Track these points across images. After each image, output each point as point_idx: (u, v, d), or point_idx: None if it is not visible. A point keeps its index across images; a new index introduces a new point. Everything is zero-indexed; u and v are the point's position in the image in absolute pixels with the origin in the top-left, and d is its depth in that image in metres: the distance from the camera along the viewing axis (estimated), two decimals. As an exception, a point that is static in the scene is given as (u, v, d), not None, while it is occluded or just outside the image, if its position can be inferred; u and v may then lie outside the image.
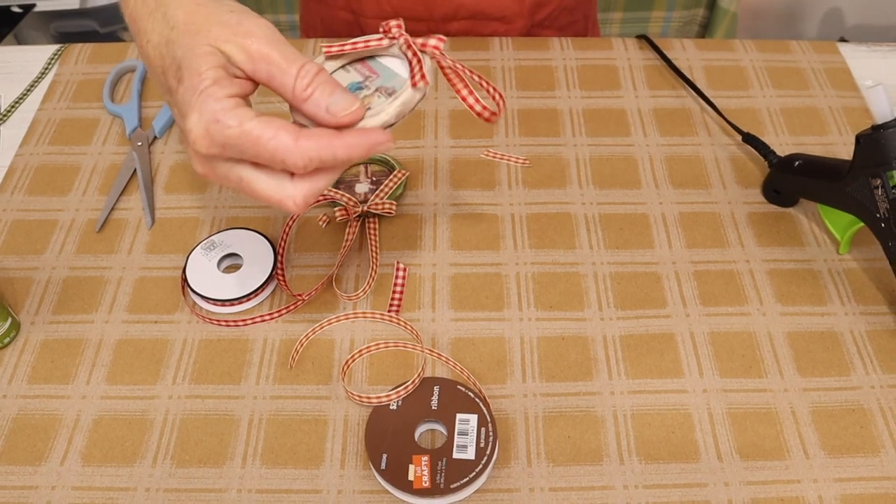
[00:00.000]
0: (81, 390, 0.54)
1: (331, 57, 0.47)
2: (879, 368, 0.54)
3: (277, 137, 0.40)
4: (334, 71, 0.47)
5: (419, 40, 0.46)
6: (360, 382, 0.54)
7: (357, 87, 0.46)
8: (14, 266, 0.60)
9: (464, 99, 0.49)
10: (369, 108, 0.44)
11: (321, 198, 0.62)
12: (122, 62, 0.74)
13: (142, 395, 0.53)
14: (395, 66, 0.46)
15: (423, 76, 0.44)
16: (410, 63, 0.45)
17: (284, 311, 0.57)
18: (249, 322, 0.57)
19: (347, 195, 0.61)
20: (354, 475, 0.50)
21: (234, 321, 0.56)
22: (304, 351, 0.55)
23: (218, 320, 0.57)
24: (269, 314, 0.57)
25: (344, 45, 0.46)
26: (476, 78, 0.49)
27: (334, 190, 0.62)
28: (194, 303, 0.58)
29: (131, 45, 0.77)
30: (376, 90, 0.45)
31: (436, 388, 0.52)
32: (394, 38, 0.46)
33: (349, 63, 0.48)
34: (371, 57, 0.47)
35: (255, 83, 0.44)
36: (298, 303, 0.57)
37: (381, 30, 0.46)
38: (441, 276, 0.59)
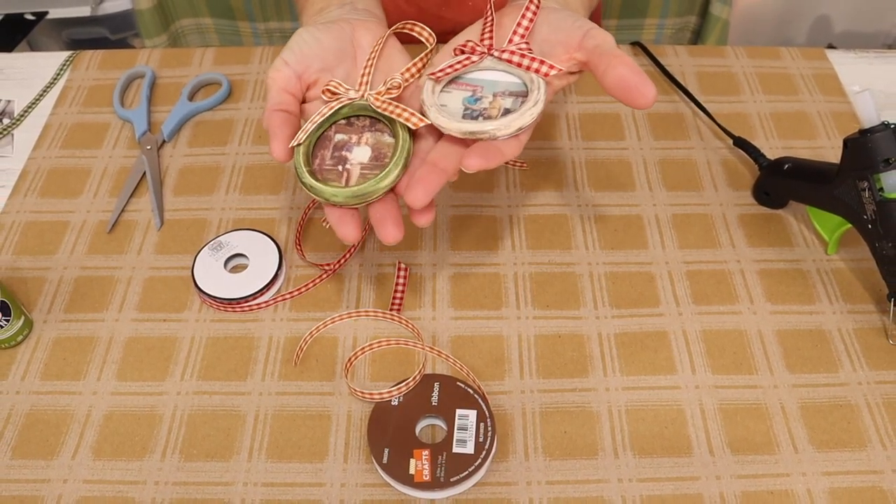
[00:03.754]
0: (92, 386, 0.54)
1: (436, 79, 0.48)
2: (866, 365, 0.54)
3: None
4: (441, 91, 0.48)
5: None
6: (362, 379, 0.54)
7: (474, 100, 0.47)
8: (27, 266, 0.60)
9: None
10: (507, 111, 0.46)
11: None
12: (132, 68, 0.74)
13: (151, 392, 0.53)
14: (492, 76, 0.48)
15: (551, 66, 0.45)
16: (526, 67, 0.46)
17: (296, 293, 0.57)
18: (264, 305, 0.57)
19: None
20: (357, 469, 0.50)
21: (250, 306, 0.56)
22: (308, 348, 0.55)
23: (231, 306, 0.57)
24: (282, 296, 0.57)
25: (448, 67, 0.48)
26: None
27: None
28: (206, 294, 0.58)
29: (141, 52, 0.77)
30: (495, 96, 0.47)
31: (436, 385, 0.52)
32: (483, 53, 0.48)
33: (448, 84, 0.49)
34: (458, 76, 0.49)
35: None
36: (317, 280, 0.58)
37: (457, 51, 0.49)
38: (441, 275, 0.59)
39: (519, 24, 0.48)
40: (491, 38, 0.48)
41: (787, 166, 0.60)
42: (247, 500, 0.48)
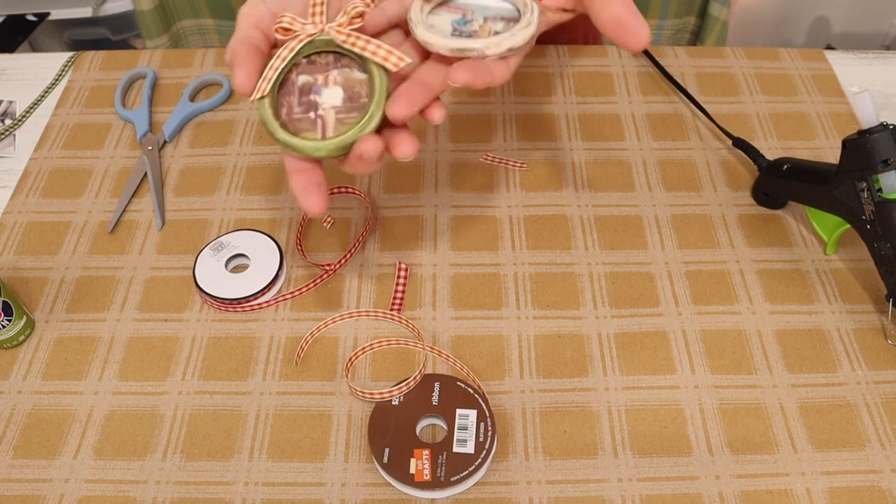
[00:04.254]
0: (94, 386, 0.54)
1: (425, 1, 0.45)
2: (865, 365, 0.54)
3: None
4: (429, 13, 0.46)
5: None
6: (363, 379, 0.54)
7: (464, 22, 0.45)
8: (29, 266, 0.60)
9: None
10: (497, 34, 0.44)
11: (333, 190, 0.61)
12: (134, 69, 0.74)
13: (152, 391, 0.53)
14: (483, 0, 0.46)
15: None
16: None
17: (297, 293, 0.57)
18: (265, 305, 0.57)
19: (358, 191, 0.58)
20: (358, 468, 0.50)
21: (251, 306, 0.56)
22: (309, 348, 0.55)
23: (232, 306, 0.57)
24: (283, 296, 0.57)
25: None
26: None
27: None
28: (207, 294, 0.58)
29: (142, 52, 0.77)
30: (486, 20, 0.45)
31: (436, 385, 0.52)
32: None
33: (437, 6, 0.46)
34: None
35: None
36: (318, 280, 0.58)
37: None
38: (441, 275, 0.59)
39: None
40: None
41: (786, 167, 0.60)
42: (248, 499, 0.48)
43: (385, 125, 0.43)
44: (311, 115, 0.43)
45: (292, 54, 0.43)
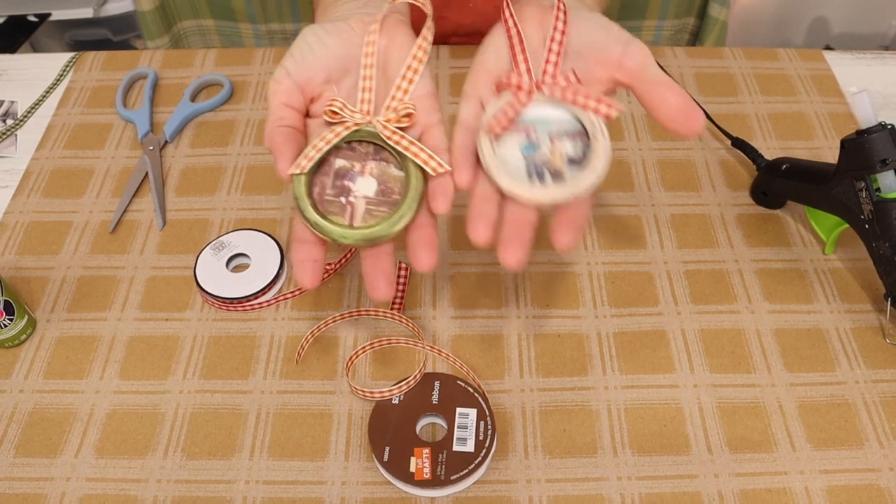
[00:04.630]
0: (95, 385, 0.54)
1: (494, 135, 0.43)
2: (863, 364, 0.54)
3: None
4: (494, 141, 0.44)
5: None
6: (363, 378, 0.54)
7: (532, 148, 0.44)
8: (30, 265, 0.60)
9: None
10: (572, 163, 0.43)
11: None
12: (135, 69, 0.74)
13: (153, 390, 0.53)
14: (540, 112, 0.44)
15: (609, 105, 0.42)
16: (583, 105, 0.43)
17: (298, 293, 0.57)
18: (266, 305, 0.57)
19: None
20: (358, 467, 0.50)
21: (252, 306, 0.56)
22: (310, 347, 0.55)
23: (233, 305, 0.57)
24: (283, 295, 0.57)
25: (505, 116, 0.43)
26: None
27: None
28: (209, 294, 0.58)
29: (143, 53, 0.77)
30: (552, 140, 0.43)
31: (436, 384, 0.52)
32: (530, 91, 0.44)
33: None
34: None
35: None
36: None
37: (500, 86, 0.44)
38: (441, 275, 0.59)
39: (552, 44, 0.44)
40: (528, 67, 0.44)
41: (784, 167, 0.60)
42: (248, 497, 0.49)
43: (413, 224, 0.43)
44: (343, 199, 0.43)
45: (337, 139, 0.43)
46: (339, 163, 0.44)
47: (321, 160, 0.44)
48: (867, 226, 0.54)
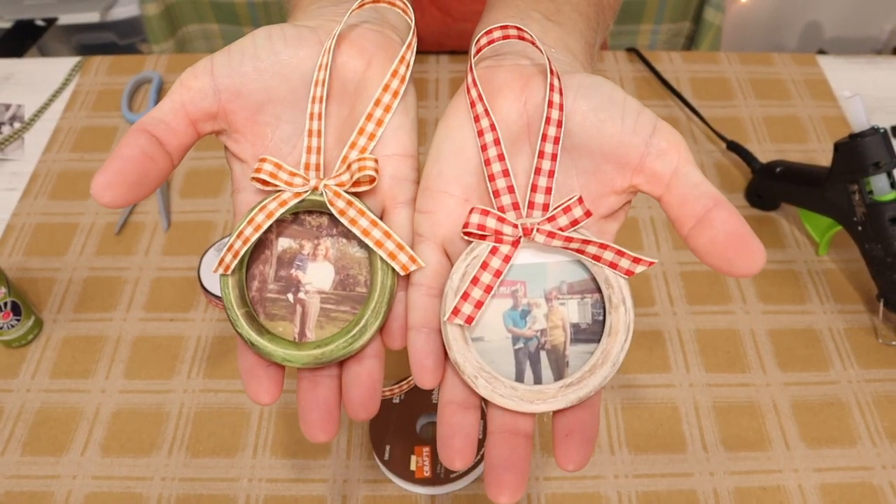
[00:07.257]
0: (101, 385, 0.54)
1: (463, 324, 0.30)
2: (856, 364, 0.54)
3: None
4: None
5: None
6: (364, 377, 0.54)
7: (523, 319, 0.31)
8: (37, 267, 0.60)
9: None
10: (579, 329, 0.30)
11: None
12: (140, 73, 0.74)
13: (158, 390, 0.53)
14: (529, 257, 0.31)
15: (636, 260, 0.31)
16: (594, 256, 0.30)
17: None
18: None
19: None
20: (359, 465, 0.50)
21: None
22: (312, 347, 0.55)
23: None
24: None
25: (479, 289, 0.30)
26: None
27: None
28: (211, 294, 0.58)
29: (148, 57, 0.77)
30: (548, 300, 0.30)
31: (436, 383, 0.52)
32: (517, 239, 0.29)
33: None
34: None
35: None
36: None
37: (471, 233, 0.29)
38: (441, 276, 0.59)
39: (544, 144, 0.29)
40: (510, 186, 0.30)
41: (779, 170, 0.60)
42: (251, 495, 0.48)
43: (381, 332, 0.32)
44: (290, 297, 0.32)
45: (270, 221, 0.30)
46: (283, 243, 0.32)
47: (259, 240, 0.32)
48: (860, 228, 0.54)
